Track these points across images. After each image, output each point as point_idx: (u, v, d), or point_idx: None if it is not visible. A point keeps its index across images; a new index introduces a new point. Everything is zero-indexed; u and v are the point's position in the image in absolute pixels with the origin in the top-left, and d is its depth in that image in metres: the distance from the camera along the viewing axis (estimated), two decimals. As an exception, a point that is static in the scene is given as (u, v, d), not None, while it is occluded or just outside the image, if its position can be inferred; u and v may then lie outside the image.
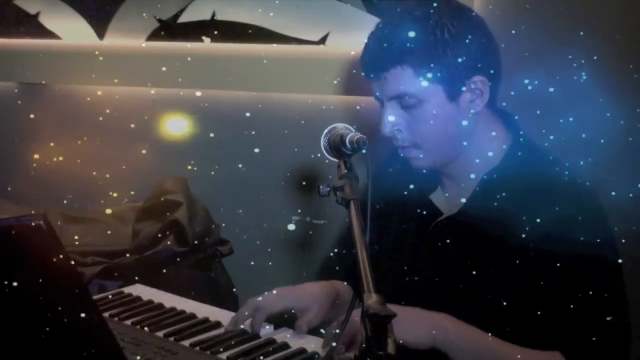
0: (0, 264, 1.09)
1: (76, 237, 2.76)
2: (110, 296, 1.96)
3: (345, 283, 1.95)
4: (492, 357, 1.55)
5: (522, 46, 2.37)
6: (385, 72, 1.63)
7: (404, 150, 1.71)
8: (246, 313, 1.77)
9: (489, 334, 1.56)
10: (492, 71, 1.65)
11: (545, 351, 1.55)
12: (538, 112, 2.06)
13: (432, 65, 1.60)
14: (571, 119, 2.11)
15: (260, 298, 1.79)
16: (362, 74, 1.71)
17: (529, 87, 2.15)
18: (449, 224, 1.72)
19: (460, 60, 1.60)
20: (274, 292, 1.82)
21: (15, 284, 1.10)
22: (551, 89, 2.39)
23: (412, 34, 1.60)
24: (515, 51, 2.03)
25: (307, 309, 1.78)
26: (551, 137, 1.95)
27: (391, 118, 1.66)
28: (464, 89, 1.62)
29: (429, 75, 1.60)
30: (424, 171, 1.74)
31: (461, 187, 1.73)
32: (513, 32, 2.40)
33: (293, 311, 1.80)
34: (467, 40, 1.60)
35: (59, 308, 1.14)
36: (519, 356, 1.54)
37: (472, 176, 1.70)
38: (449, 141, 1.67)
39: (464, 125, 1.65)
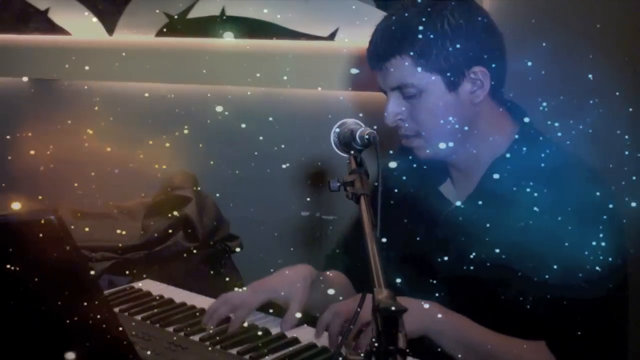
0: (12, 258, 1.10)
1: (86, 233, 2.77)
2: (120, 291, 1.96)
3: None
4: (480, 346, 1.58)
5: (533, 42, 2.37)
6: (386, 62, 1.66)
7: (408, 140, 1.73)
8: (222, 311, 1.74)
9: (477, 323, 1.59)
10: (493, 63, 1.66)
11: (532, 341, 1.57)
12: (541, 107, 2.05)
13: (430, 55, 1.62)
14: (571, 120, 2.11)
15: (236, 295, 1.78)
16: (369, 65, 1.73)
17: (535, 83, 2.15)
18: (458, 213, 1.72)
19: (459, 51, 1.62)
20: (250, 287, 1.81)
21: (26, 278, 1.11)
22: (557, 85, 2.39)
23: (412, 24, 1.63)
24: (524, 46, 2.02)
25: (288, 298, 1.76)
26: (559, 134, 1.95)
27: (393, 108, 1.69)
28: (463, 79, 1.64)
29: (428, 65, 1.63)
30: (429, 164, 1.75)
31: (469, 177, 1.75)
32: (522, 28, 2.40)
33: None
34: (467, 32, 1.63)
35: (70, 302, 1.14)
36: (505, 344, 1.57)
37: (480, 166, 1.71)
38: (450, 131, 1.68)
39: (465, 116, 1.67)
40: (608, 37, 2.42)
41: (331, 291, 1.80)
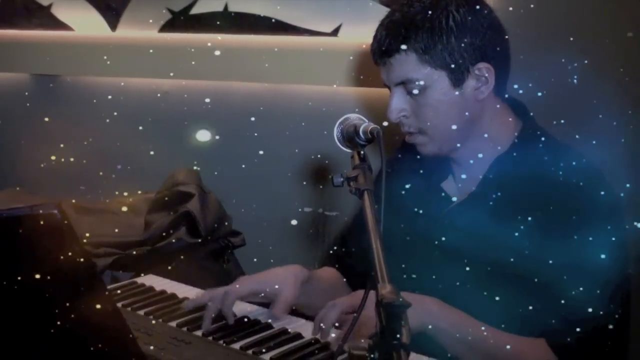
0: (15, 252, 1.10)
1: (89, 228, 2.77)
2: (123, 286, 1.97)
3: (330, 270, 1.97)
4: (478, 342, 1.57)
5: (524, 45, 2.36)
6: (390, 58, 1.67)
7: (411, 137, 1.73)
8: (212, 309, 1.70)
9: (476, 320, 1.58)
10: (498, 59, 1.66)
11: (532, 338, 1.57)
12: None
13: (435, 51, 1.62)
14: (562, 121, 2.10)
15: (220, 289, 1.75)
16: (373, 60, 1.73)
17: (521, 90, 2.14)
18: (460, 210, 1.72)
19: (464, 47, 1.62)
20: (242, 277, 1.81)
21: (28, 272, 1.11)
22: (542, 92, 2.38)
23: (417, 19, 1.63)
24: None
25: (276, 293, 1.73)
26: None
27: (397, 104, 1.68)
28: (468, 76, 1.64)
29: (432, 61, 1.63)
30: (433, 159, 1.75)
31: (472, 174, 1.75)
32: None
33: (262, 295, 1.77)
34: (472, 28, 1.63)
35: (73, 297, 1.14)
36: (504, 341, 1.56)
37: (482, 163, 1.71)
38: (453, 127, 1.67)
39: (469, 112, 1.66)
40: (590, 42, 2.40)
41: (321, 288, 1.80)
